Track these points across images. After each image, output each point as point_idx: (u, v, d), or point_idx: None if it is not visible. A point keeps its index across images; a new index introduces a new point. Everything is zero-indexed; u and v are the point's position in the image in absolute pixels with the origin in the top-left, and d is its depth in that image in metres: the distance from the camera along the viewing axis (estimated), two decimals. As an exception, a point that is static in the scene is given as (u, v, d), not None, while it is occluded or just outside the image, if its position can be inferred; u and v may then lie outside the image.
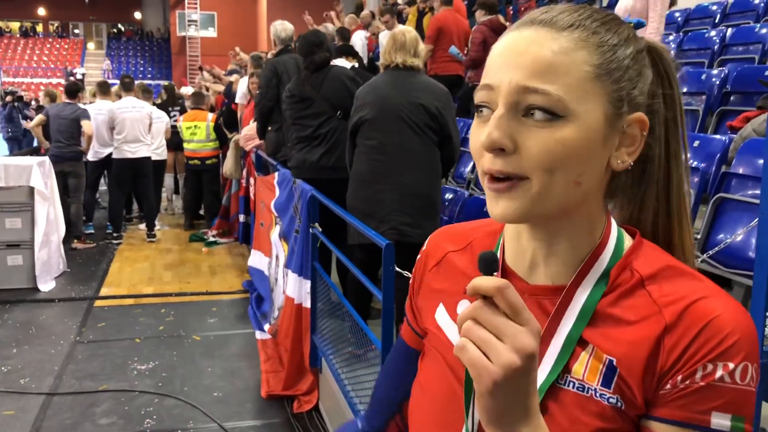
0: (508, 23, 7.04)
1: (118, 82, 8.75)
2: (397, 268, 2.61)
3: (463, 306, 0.86)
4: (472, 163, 5.44)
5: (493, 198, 0.74)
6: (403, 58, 3.56)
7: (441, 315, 0.90)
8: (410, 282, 0.99)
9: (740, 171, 3.30)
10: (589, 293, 0.77)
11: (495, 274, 0.66)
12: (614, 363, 0.73)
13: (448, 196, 4.51)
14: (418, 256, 0.98)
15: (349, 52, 6.26)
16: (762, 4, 6.15)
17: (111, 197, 8.33)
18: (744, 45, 5.37)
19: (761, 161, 3.20)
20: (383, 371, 1.07)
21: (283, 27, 5.87)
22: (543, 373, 0.76)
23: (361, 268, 3.20)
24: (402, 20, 9.22)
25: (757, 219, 2.16)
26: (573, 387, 0.75)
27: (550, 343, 0.77)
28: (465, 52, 6.99)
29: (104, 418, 3.84)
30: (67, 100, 7.70)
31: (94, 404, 4.01)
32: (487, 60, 0.77)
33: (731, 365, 0.69)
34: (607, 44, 0.74)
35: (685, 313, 0.72)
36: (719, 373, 0.69)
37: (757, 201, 2.80)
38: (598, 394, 0.74)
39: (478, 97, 0.76)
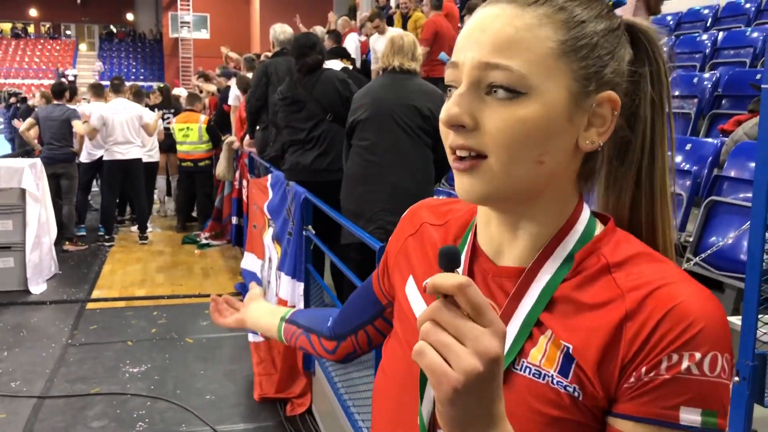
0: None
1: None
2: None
3: None
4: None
5: (458, 177, 0.73)
6: (401, 61, 3.57)
7: (410, 288, 0.89)
8: (388, 242, 0.99)
9: (732, 174, 3.32)
10: (551, 276, 0.74)
11: (456, 270, 0.60)
12: (570, 351, 0.70)
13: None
14: (399, 222, 0.97)
15: (342, 54, 6.28)
16: (753, 8, 6.19)
17: (103, 199, 8.29)
18: (735, 49, 5.40)
19: (753, 164, 3.22)
20: (355, 294, 1.09)
21: (282, 30, 5.94)
22: None
23: (356, 269, 3.20)
24: (390, 24, 9.23)
25: (748, 222, 2.17)
26: (529, 372, 0.72)
27: (507, 325, 0.74)
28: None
29: (96, 422, 3.82)
30: (55, 102, 7.66)
31: (85, 407, 3.99)
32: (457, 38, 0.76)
33: (698, 355, 0.65)
34: (573, 20, 0.72)
35: (647, 299, 0.68)
36: (685, 363, 0.65)
37: (749, 204, 2.81)
38: (554, 381, 0.70)
39: (447, 75, 0.75)
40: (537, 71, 0.69)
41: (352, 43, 8.54)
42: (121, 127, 7.72)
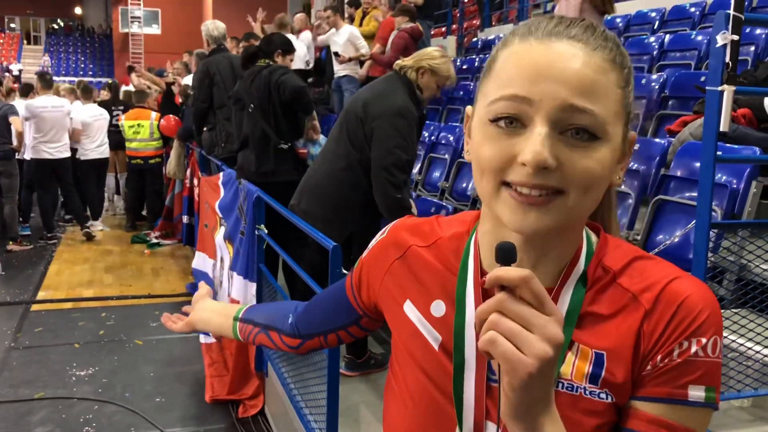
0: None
1: (58, 79, 8.47)
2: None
3: (439, 308, 0.86)
4: (419, 165, 5.45)
5: (520, 209, 0.72)
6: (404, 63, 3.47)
7: (410, 310, 0.89)
8: (363, 258, 0.98)
9: (678, 174, 3.39)
10: (571, 297, 0.79)
11: (513, 264, 0.65)
12: (603, 357, 0.76)
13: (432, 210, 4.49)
14: (377, 242, 0.97)
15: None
16: (698, 12, 6.35)
17: (38, 198, 8.04)
18: (681, 51, 5.53)
19: (698, 164, 3.29)
20: (323, 299, 1.10)
21: (215, 26, 5.83)
22: None
23: (313, 270, 3.17)
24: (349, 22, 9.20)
25: (694, 221, 2.21)
26: (563, 388, 0.77)
27: None
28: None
29: (40, 427, 3.71)
30: None
31: (29, 413, 3.86)
32: (503, 67, 0.74)
33: (704, 340, 0.73)
34: (626, 66, 0.76)
35: (659, 298, 0.75)
36: (694, 348, 0.73)
37: (694, 203, 2.88)
38: (587, 392, 0.76)
39: (503, 107, 0.72)
40: (611, 117, 0.73)
41: (305, 40, 8.47)
42: (51, 125, 7.55)
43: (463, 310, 0.83)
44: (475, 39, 10.59)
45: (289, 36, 6.98)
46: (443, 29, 11.80)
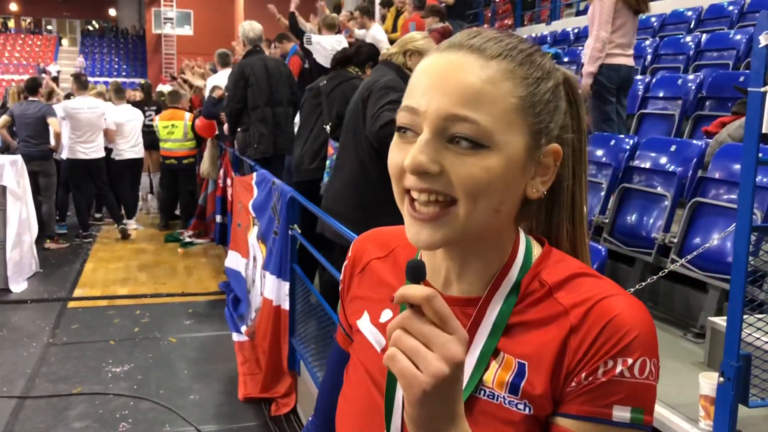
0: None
1: (92, 80, 8.62)
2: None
3: (387, 315, 0.88)
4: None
5: (415, 225, 0.75)
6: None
7: (364, 323, 0.91)
8: (340, 287, 1.00)
9: (716, 176, 3.35)
10: (501, 306, 0.79)
11: (422, 282, 0.66)
12: (525, 367, 0.76)
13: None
14: (345, 261, 0.99)
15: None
16: (735, 11, 6.24)
17: (74, 197, 8.19)
18: (718, 51, 5.44)
19: (737, 166, 3.24)
20: (325, 380, 1.05)
21: (252, 27, 5.87)
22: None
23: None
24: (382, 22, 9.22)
25: (734, 224, 2.18)
26: (484, 395, 0.77)
27: (466, 356, 0.77)
28: None
29: (78, 422, 3.78)
30: (30, 98, 7.56)
31: (67, 408, 3.94)
32: (411, 79, 0.78)
33: (630, 360, 0.72)
34: (531, 77, 0.76)
35: (588, 314, 0.74)
36: (619, 368, 0.72)
37: (732, 205, 2.84)
38: (506, 402, 0.76)
39: (401, 118, 0.76)
40: (500, 126, 0.73)
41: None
42: (87, 126, 7.69)
43: None
44: (506, 39, 10.52)
45: (334, 36, 7.05)
46: (475, 29, 11.76)
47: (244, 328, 4.82)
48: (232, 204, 6.10)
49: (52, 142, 7.46)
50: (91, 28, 38.01)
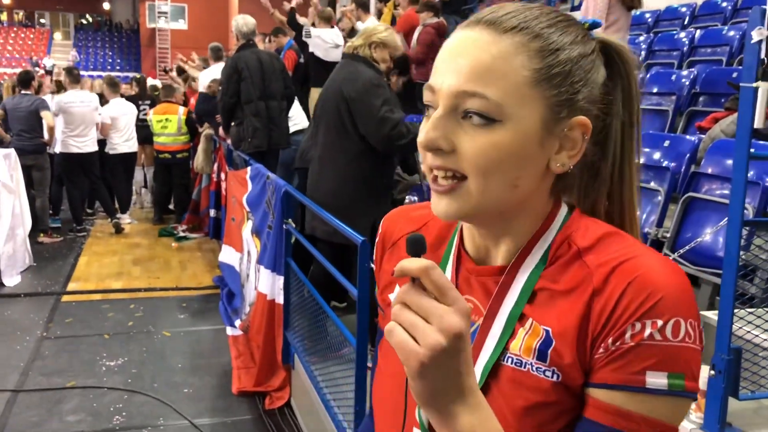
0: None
1: (85, 74, 8.59)
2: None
3: None
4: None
5: (436, 197, 0.76)
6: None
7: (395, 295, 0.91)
8: (374, 268, 1.00)
9: (709, 171, 3.37)
10: (530, 272, 0.78)
11: (423, 255, 0.65)
12: (550, 333, 0.74)
13: (414, 199, 4.52)
14: (377, 239, 0.99)
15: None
16: (729, 7, 6.26)
17: (67, 191, 8.17)
18: (712, 47, 5.47)
19: (729, 161, 3.26)
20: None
21: (245, 21, 5.86)
22: (486, 353, 0.77)
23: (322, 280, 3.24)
24: (378, 17, 9.21)
25: (726, 219, 2.19)
26: (511, 363, 0.76)
27: (493, 323, 0.78)
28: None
29: (72, 415, 3.78)
30: (23, 92, 7.52)
31: (61, 401, 3.94)
32: (437, 58, 0.78)
33: (660, 322, 0.68)
34: (548, 48, 0.74)
35: (612, 275, 0.71)
36: (648, 331, 0.68)
37: (725, 201, 2.86)
38: (534, 368, 0.74)
39: (424, 96, 0.77)
40: (512, 100, 0.72)
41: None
42: (80, 120, 7.67)
43: None
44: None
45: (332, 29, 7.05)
46: (502, 3, 11.76)
47: (238, 322, 4.82)
48: (226, 198, 6.10)
49: (46, 135, 7.44)
50: (84, 21, 37.82)
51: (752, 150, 2.13)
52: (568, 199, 0.84)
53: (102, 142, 8.27)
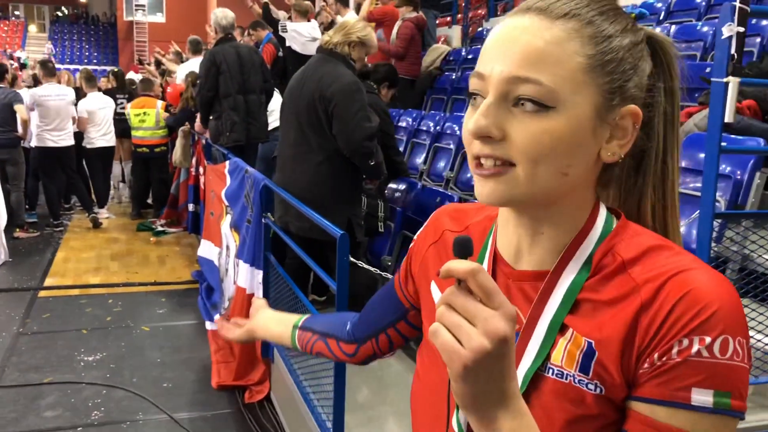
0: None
1: (62, 67, 8.48)
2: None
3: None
4: (424, 155, 5.48)
5: (480, 181, 0.75)
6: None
7: (435, 290, 0.92)
8: (411, 247, 1.02)
9: (683, 165, 3.40)
10: (572, 279, 0.76)
11: (469, 258, 0.64)
12: (593, 345, 0.73)
13: (401, 186, 4.54)
14: (420, 230, 1.00)
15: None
16: (704, 3, 6.34)
17: (43, 186, 8.09)
18: (687, 42, 5.53)
19: (702, 155, 3.31)
20: (376, 297, 1.11)
21: (224, 14, 5.83)
22: (527, 361, 0.76)
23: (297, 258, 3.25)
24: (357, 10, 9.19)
25: (698, 211, 2.24)
26: (552, 374, 0.75)
27: (533, 331, 0.77)
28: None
29: (49, 411, 3.76)
30: None
31: (38, 397, 3.92)
32: (483, 47, 0.78)
33: (708, 339, 0.67)
34: (601, 35, 0.74)
35: (661, 289, 0.70)
36: (696, 347, 0.67)
37: (698, 193, 2.90)
38: (576, 380, 0.73)
39: (471, 84, 0.76)
40: (565, 86, 0.71)
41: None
42: (55, 114, 7.60)
43: None
44: (480, 29, 10.57)
45: (309, 23, 7.03)
46: (448, 19, 11.79)
47: (217, 317, 4.81)
48: (205, 193, 6.07)
49: (20, 129, 7.35)
50: (60, 14, 37.31)
51: (723, 144, 2.18)
52: (609, 198, 0.84)
53: (79, 136, 8.19)
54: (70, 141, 7.85)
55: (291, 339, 1.23)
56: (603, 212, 0.80)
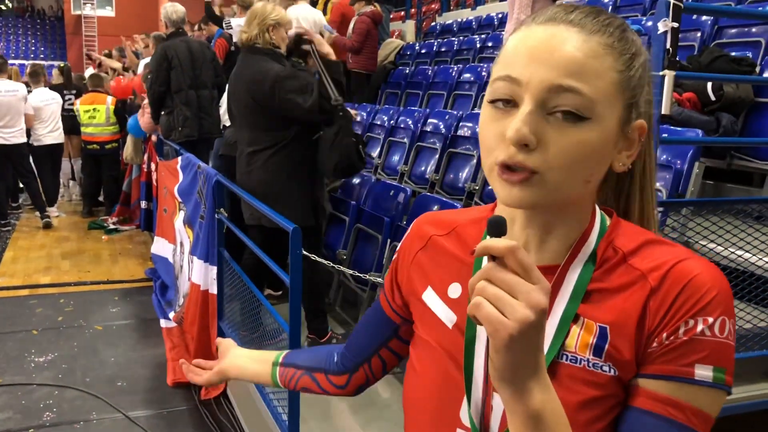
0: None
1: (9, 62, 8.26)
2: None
3: (455, 290, 0.91)
4: (378, 149, 5.51)
5: (506, 186, 0.77)
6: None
7: (430, 297, 0.93)
8: (394, 260, 1.02)
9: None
10: (579, 272, 0.82)
11: (504, 237, 0.67)
12: (606, 330, 0.78)
13: (355, 180, 4.56)
14: (402, 241, 1.01)
15: None
16: (649, -2, 6.50)
17: None
18: (632, 36, 5.67)
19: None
20: (362, 322, 1.11)
21: (174, 9, 5.79)
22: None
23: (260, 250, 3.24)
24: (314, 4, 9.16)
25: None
26: (567, 360, 0.79)
27: (548, 322, 0.80)
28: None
29: (0, 414, 3.69)
30: None
31: (-12, 399, 3.84)
32: (506, 51, 0.79)
33: (710, 319, 0.74)
34: (629, 52, 0.78)
35: (667, 276, 0.77)
36: (700, 327, 0.74)
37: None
38: (591, 364, 0.78)
39: (498, 88, 0.77)
40: (602, 99, 0.75)
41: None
42: (6, 111, 7.41)
43: None
44: (433, 23, 10.65)
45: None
46: (402, 13, 11.83)
47: (172, 314, 4.77)
48: (158, 189, 6.00)
49: None
50: (4, 7, 36.20)
51: (664, 135, 2.26)
52: (601, 197, 0.90)
53: (26, 133, 8.00)
54: (21, 138, 7.66)
55: (272, 377, 1.20)
56: (598, 211, 0.86)
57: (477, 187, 4.22)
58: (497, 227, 0.68)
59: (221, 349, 1.30)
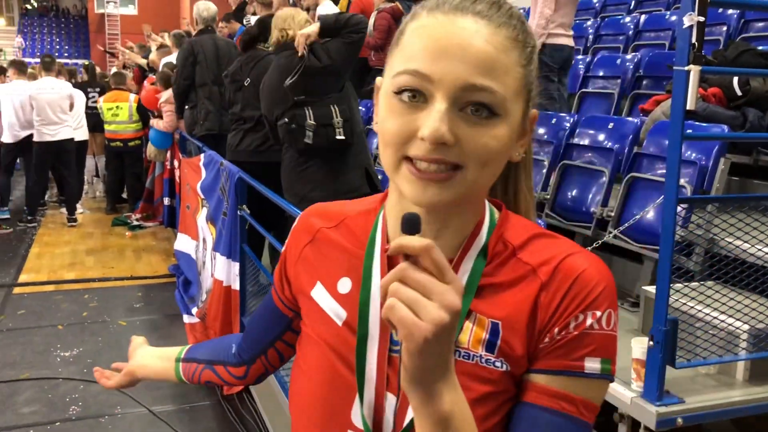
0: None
1: (33, 61, 8.36)
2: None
3: (345, 284, 0.87)
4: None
5: (419, 184, 0.74)
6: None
7: (319, 293, 0.90)
8: (282, 254, 0.99)
9: (650, 151, 3.48)
10: (472, 267, 0.81)
11: (418, 235, 0.65)
12: (499, 326, 0.78)
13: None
14: (291, 233, 0.98)
15: None
16: (673, -8, 6.42)
17: (29, 181, 8.00)
18: (656, 31, 5.61)
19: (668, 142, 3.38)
20: (256, 315, 1.09)
21: (206, 6, 5.87)
22: None
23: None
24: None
25: (662, 196, 2.30)
26: (460, 356, 0.78)
27: None
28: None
29: (26, 407, 3.75)
30: None
31: (15, 393, 3.90)
32: (408, 40, 0.76)
33: (598, 313, 0.76)
34: (530, 45, 0.77)
35: (556, 271, 0.78)
36: (589, 321, 0.76)
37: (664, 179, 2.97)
38: (483, 360, 0.78)
39: (405, 81, 0.74)
40: (511, 95, 0.75)
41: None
42: (50, 108, 7.49)
43: (369, 283, 0.84)
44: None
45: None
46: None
47: (195, 310, 4.81)
48: (181, 186, 6.05)
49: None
50: (29, 6, 36.63)
51: (688, 131, 2.24)
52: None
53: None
54: (68, 134, 7.74)
55: (176, 373, 1.20)
56: (487, 204, 0.85)
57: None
58: (412, 225, 0.65)
59: (130, 349, 1.28)
